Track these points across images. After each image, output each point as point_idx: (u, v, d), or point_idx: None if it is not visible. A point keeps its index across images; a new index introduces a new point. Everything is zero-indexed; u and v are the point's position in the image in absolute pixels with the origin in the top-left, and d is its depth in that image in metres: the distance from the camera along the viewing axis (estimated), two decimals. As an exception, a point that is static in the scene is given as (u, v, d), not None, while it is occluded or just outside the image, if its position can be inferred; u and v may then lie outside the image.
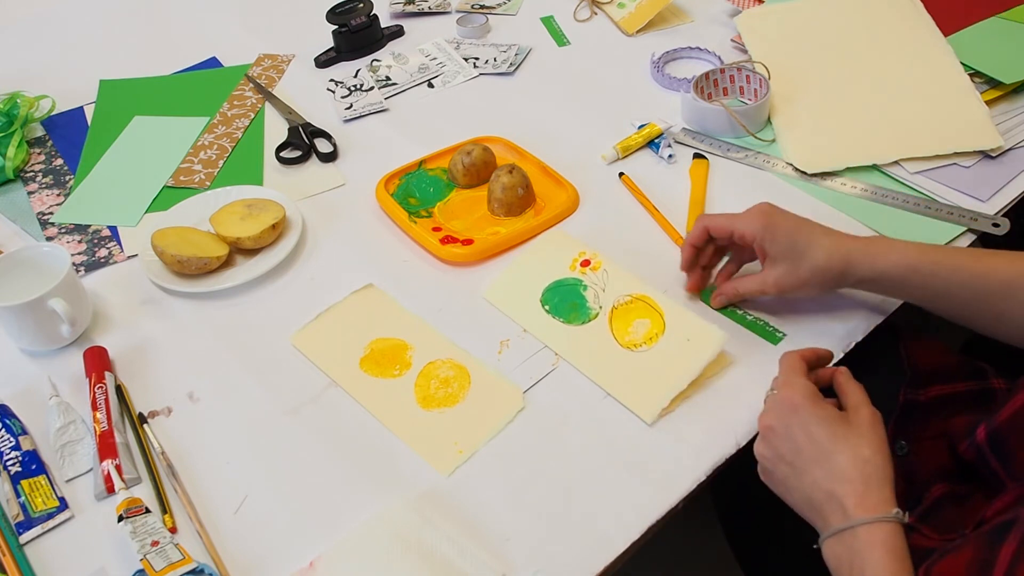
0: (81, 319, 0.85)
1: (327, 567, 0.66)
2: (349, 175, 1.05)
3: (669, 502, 0.69)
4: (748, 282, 0.81)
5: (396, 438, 0.75)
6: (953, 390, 0.80)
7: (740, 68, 1.08)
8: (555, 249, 0.90)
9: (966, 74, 1.05)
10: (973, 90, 1.03)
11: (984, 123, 0.99)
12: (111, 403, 0.78)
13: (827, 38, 1.15)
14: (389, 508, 0.69)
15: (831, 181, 0.96)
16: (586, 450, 0.73)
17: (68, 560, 0.69)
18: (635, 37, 1.26)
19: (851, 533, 0.60)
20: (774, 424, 0.67)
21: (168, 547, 0.65)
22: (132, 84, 1.25)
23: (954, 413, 0.77)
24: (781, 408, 0.67)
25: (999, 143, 0.97)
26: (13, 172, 1.08)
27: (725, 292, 0.83)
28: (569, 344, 0.81)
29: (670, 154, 1.01)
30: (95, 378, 0.80)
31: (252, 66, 1.26)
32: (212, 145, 1.12)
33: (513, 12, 1.35)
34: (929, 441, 0.77)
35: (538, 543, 0.67)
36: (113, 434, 0.75)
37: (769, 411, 0.68)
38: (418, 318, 0.86)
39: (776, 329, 0.81)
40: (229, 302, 0.90)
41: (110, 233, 1.00)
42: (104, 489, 0.72)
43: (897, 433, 0.78)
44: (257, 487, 0.73)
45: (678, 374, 0.76)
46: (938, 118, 1.02)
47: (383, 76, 1.22)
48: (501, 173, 0.96)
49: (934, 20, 1.13)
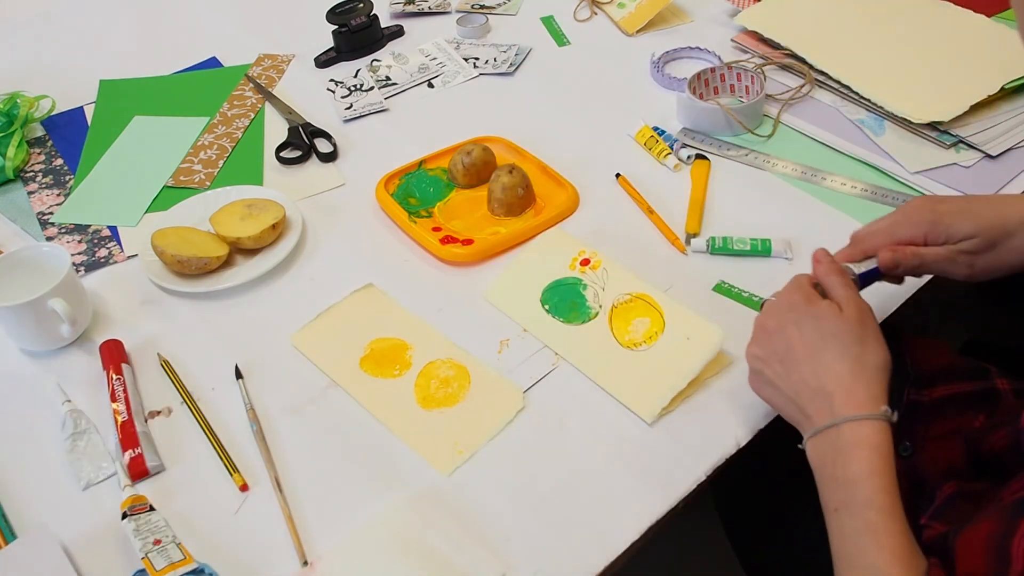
0: (81, 319, 0.85)
1: (327, 567, 0.66)
2: (349, 175, 1.05)
3: (669, 502, 0.69)
4: (936, 251, 0.68)
5: (396, 438, 0.75)
6: (957, 390, 0.80)
7: (731, 67, 1.09)
8: (555, 249, 0.90)
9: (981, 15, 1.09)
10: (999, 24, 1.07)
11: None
12: (130, 394, 0.78)
13: (841, 12, 1.17)
14: (389, 508, 0.69)
15: (831, 181, 0.96)
16: (586, 450, 0.73)
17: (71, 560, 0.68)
18: (635, 37, 1.26)
19: (836, 430, 0.59)
20: (768, 323, 0.65)
21: (170, 546, 0.66)
22: (132, 84, 1.25)
23: (958, 413, 0.77)
24: (778, 307, 0.66)
25: None
26: (13, 172, 1.08)
27: (902, 252, 0.69)
28: (569, 343, 0.81)
29: (688, 155, 1.01)
30: (113, 370, 0.80)
31: (252, 66, 1.26)
32: (212, 145, 1.12)
33: (513, 12, 1.35)
34: (933, 441, 0.77)
35: (538, 543, 0.67)
36: (134, 424, 0.76)
37: (765, 312, 0.67)
38: (418, 318, 0.86)
39: None
40: (229, 302, 0.90)
41: (110, 233, 1.00)
42: (129, 478, 0.72)
43: (901, 434, 0.78)
44: (257, 487, 0.73)
45: (678, 373, 0.76)
46: (989, 53, 1.05)
47: (383, 76, 1.22)
48: (501, 173, 0.96)
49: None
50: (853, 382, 0.60)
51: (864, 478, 0.57)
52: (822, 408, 0.61)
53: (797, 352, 0.63)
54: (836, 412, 0.60)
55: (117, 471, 0.73)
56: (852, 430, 0.58)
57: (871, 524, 0.56)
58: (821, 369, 0.61)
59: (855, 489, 0.58)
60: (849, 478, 0.58)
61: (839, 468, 0.58)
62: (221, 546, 0.68)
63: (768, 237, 0.89)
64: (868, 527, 0.56)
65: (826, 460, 0.60)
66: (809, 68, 1.10)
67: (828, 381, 0.61)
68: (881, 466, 0.57)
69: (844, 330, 0.62)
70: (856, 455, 0.58)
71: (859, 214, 0.92)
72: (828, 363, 0.61)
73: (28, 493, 0.74)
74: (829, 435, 0.59)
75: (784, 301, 0.66)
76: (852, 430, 0.58)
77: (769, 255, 0.88)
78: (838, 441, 0.59)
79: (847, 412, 0.59)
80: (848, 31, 1.15)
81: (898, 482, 0.67)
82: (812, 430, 0.61)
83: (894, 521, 0.56)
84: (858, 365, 0.61)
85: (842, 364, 0.61)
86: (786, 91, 1.09)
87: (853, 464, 0.58)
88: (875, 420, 0.59)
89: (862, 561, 0.56)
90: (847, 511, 0.58)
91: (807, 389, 0.62)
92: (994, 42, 1.08)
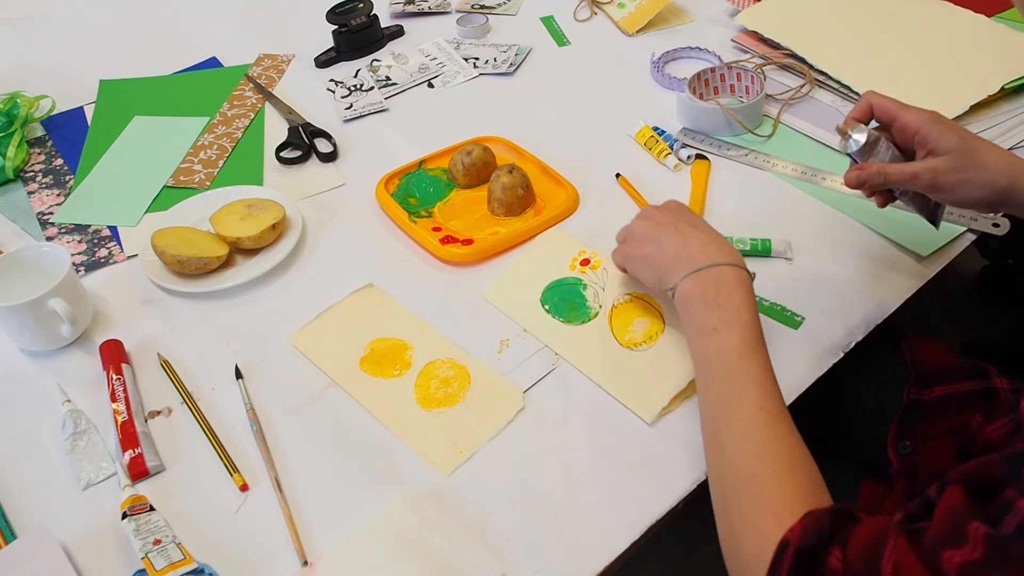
0: (81, 319, 0.85)
1: (327, 567, 0.66)
2: (349, 175, 1.05)
3: (669, 502, 0.69)
4: (898, 167, 0.73)
5: (396, 438, 0.75)
6: (957, 390, 0.80)
7: (731, 67, 1.09)
8: (555, 249, 0.90)
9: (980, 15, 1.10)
10: (999, 24, 1.07)
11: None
12: (130, 394, 0.78)
13: (841, 12, 1.18)
14: (389, 508, 0.69)
15: (831, 181, 0.96)
16: (586, 450, 0.73)
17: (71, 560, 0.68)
18: (635, 37, 1.26)
19: (719, 269, 0.70)
20: (653, 212, 0.79)
21: (170, 546, 0.66)
22: (132, 84, 1.25)
23: (958, 412, 0.77)
24: (665, 205, 0.80)
25: None
26: (13, 172, 1.08)
27: (868, 170, 0.74)
28: (569, 343, 0.81)
29: (688, 155, 1.01)
30: (113, 370, 0.80)
31: (252, 66, 1.27)
32: (212, 145, 1.12)
33: (513, 12, 1.35)
34: (933, 441, 0.77)
35: (538, 543, 0.67)
36: (134, 424, 0.76)
37: (651, 206, 0.80)
38: (418, 318, 0.86)
39: (795, 313, 0.81)
40: (229, 302, 0.90)
41: (110, 233, 1.00)
42: (129, 478, 0.72)
43: (901, 433, 0.78)
44: (257, 487, 0.73)
45: (678, 373, 0.76)
46: (989, 53, 1.06)
47: (383, 76, 1.22)
48: (501, 173, 0.96)
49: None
50: (725, 243, 0.74)
51: (746, 306, 0.68)
52: (709, 253, 0.72)
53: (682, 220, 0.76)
54: (725, 258, 0.71)
55: (117, 471, 0.73)
56: (734, 272, 0.70)
57: (749, 341, 0.67)
58: (708, 233, 0.75)
59: (739, 312, 0.68)
60: (733, 304, 0.68)
61: (723, 296, 0.69)
62: (221, 546, 0.68)
63: (768, 237, 0.89)
64: (747, 343, 0.67)
65: (708, 290, 0.70)
66: (809, 68, 1.10)
67: (715, 240, 0.74)
68: (755, 304, 0.69)
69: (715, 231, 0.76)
70: (739, 291, 0.69)
71: (859, 214, 0.92)
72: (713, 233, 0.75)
73: (28, 493, 0.74)
74: (714, 271, 0.71)
75: (671, 202, 0.80)
76: (734, 272, 0.70)
77: (769, 255, 0.88)
78: (723, 276, 0.70)
79: (734, 260, 0.71)
80: (848, 31, 1.15)
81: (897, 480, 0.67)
82: (695, 267, 0.71)
83: (763, 344, 0.68)
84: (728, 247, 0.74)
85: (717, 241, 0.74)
86: (786, 91, 1.09)
87: (735, 295, 0.69)
88: (750, 275, 0.71)
89: (737, 367, 0.66)
90: (727, 329, 0.67)
91: (695, 241, 0.73)
92: (994, 42, 1.08)
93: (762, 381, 0.65)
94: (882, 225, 0.90)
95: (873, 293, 0.84)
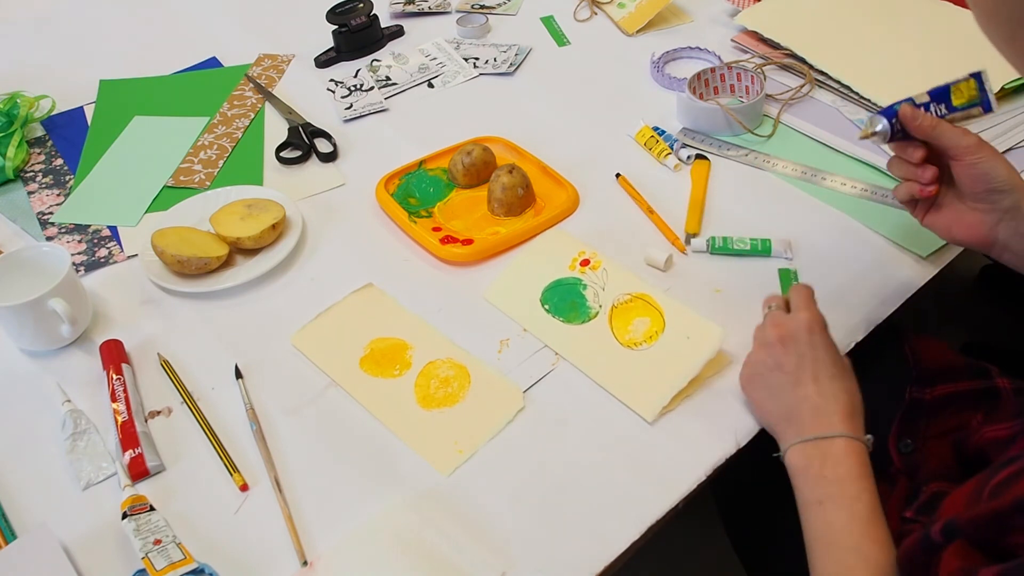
0: (81, 319, 0.85)
1: (327, 567, 0.66)
2: (349, 175, 1.05)
3: (669, 502, 0.69)
4: (951, 126, 0.75)
5: (396, 438, 0.75)
6: (958, 389, 0.80)
7: (731, 67, 1.09)
8: (555, 249, 0.90)
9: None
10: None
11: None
12: (130, 394, 0.78)
13: (841, 12, 1.17)
14: (389, 508, 0.69)
15: (831, 181, 0.96)
16: (586, 449, 0.73)
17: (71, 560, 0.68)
18: (635, 37, 1.26)
19: (829, 441, 0.67)
20: (786, 337, 0.72)
21: (170, 546, 0.66)
22: (132, 84, 1.25)
23: (959, 411, 0.77)
24: (798, 325, 0.72)
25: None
26: (13, 172, 1.08)
27: (925, 115, 0.75)
28: (569, 343, 0.81)
29: (688, 155, 1.01)
30: (113, 370, 0.80)
31: (252, 66, 1.27)
32: (212, 145, 1.12)
33: (513, 12, 1.35)
34: (933, 440, 0.77)
35: (538, 543, 0.67)
36: (134, 424, 0.76)
37: (781, 325, 0.73)
38: (418, 318, 0.86)
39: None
40: (229, 302, 0.90)
41: (110, 233, 1.00)
42: (129, 478, 0.72)
43: (902, 431, 0.79)
44: (257, 487, 0.73)
45: (678, 372, 0.76)
46: (989, 54, 1.03)
47: (383, 76, 1.22)
48: (501, 173, 0.96)
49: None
50: (852, 411, 0.70)
51: (853, 478, 0.65)
52: (820, 422, 0.68)
53: (808, 371, 0.71)
54: (836, 428, 0.68)
55: (117, 471, 0.73)
56: (847, 444, 0.67)
57: (858, 514, 0.64)
58: (828, 393, 0.70)
59: (844, 485, 0.65)
60: (839, 476, 0.66)
61: (828, 468, 0.66)
62: (221, 546, 0.68)
63: (768, 237, 0.89)
64: (855, 516, 0.64)
65: (812, 462, 0.67)
66: (809, 68, 1.10)
67: (831, 403, 0.69)
68: (867, 472, 0.66)
69: (848, 372, 0.72)
70: (846, 461, 0.66)
71: (859, 214, 0.92)
72: (835, 392, 0.70)
73: (28, 493, 0.74)
74: (821, 443, 0.68)
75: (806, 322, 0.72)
76: (847, 444, 0.67)
77: (769, 255, 0.88)
78: (830, 448, 0.67)
79: (846, 430, 0.68)
80: (848, 31, 1.15)
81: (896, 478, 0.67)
82: (801, 437, 0.68)
83: (877, 514, 0.64)
84: (856, 400, 0.70)
85: (846, 395, 0.70)
86: (786, 91, 1.09)
87: (842, 467, 0.66)
88: (863, 443, 0.68)
89: (846, 543, 0.63)
90: (832, 502, 0.65)
91: (807, 404, 0.69)
92: None
93: (871, 556, 0.62)
94: (882, 225, 0.90)
95: (873, 293, 0.84)
